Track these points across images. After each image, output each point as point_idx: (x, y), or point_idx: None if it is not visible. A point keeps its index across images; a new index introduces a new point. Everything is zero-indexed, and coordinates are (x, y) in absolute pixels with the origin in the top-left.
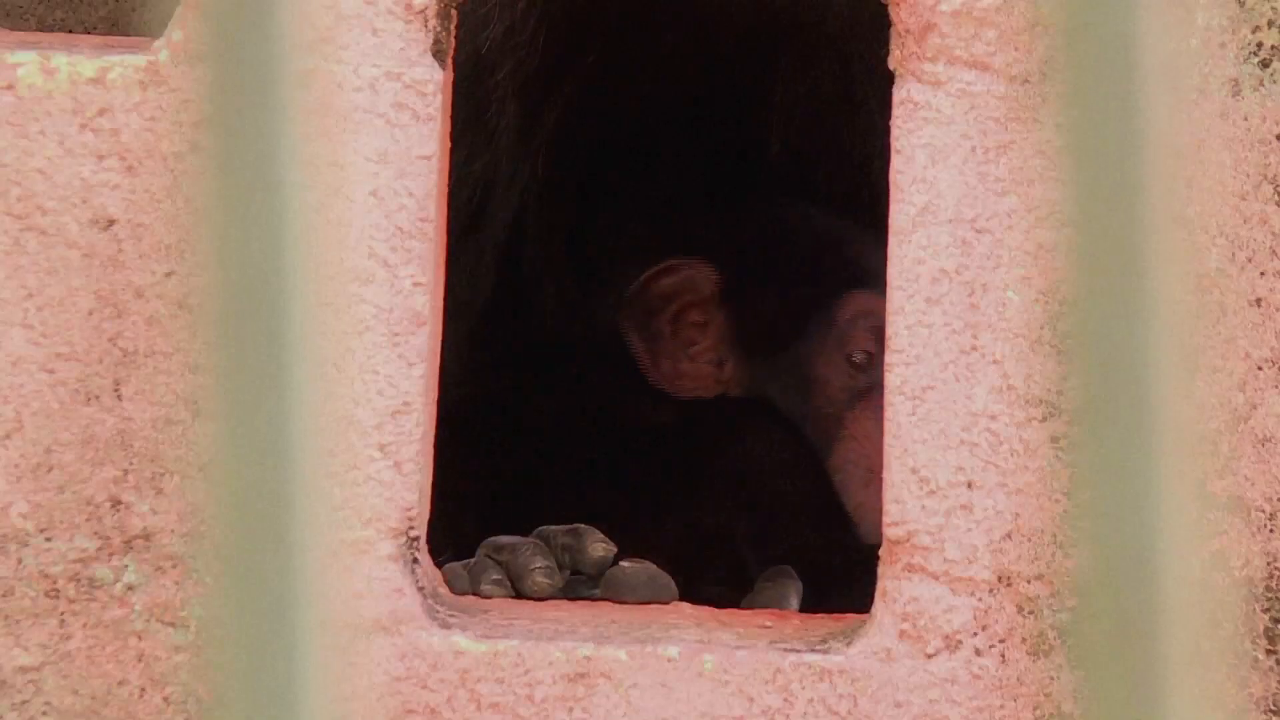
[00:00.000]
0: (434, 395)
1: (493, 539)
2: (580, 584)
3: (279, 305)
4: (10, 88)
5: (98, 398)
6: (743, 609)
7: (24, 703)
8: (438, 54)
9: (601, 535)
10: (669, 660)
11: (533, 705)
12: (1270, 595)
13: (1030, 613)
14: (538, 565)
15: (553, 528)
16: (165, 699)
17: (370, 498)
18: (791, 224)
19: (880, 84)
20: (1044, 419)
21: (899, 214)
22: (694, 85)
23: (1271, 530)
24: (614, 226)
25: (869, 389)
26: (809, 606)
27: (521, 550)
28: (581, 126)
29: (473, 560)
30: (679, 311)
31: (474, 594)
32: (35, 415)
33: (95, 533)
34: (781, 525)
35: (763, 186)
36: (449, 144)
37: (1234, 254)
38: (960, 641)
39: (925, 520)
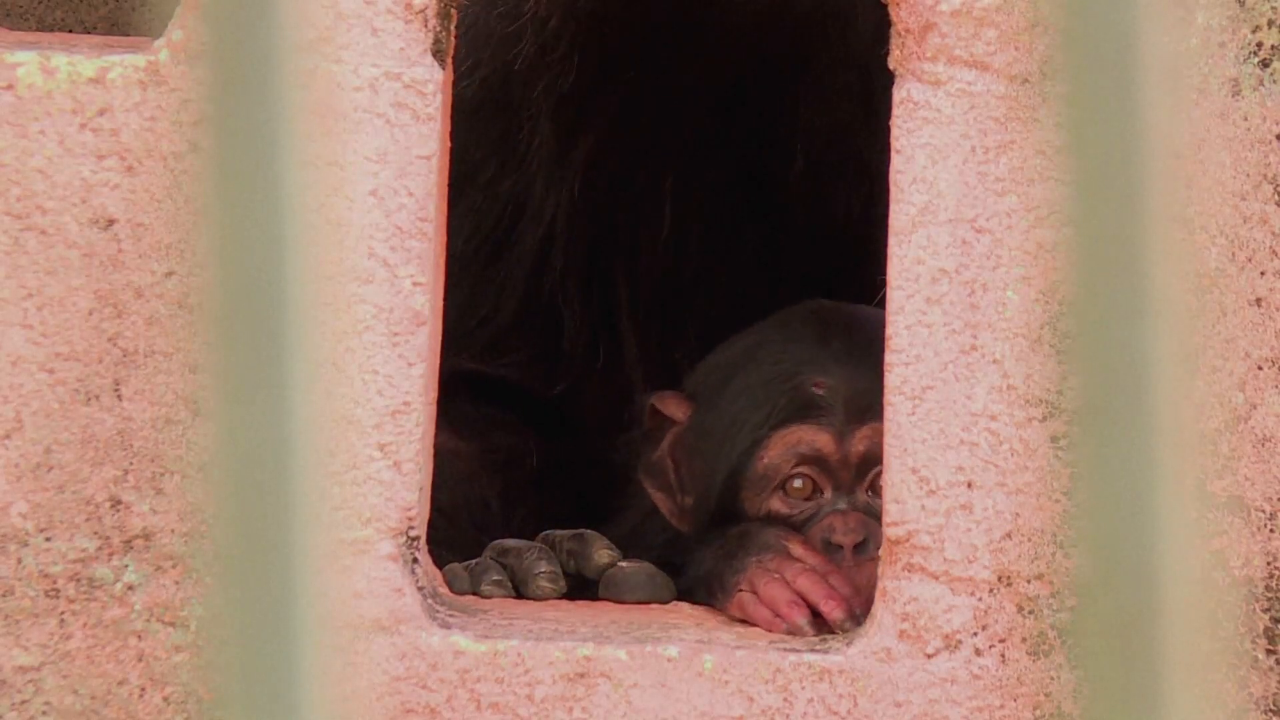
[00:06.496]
0: (434, 395)
1: (498, 541)
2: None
3: (279, 305)
4: (10, 88)
5: (98, 398)
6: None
7: (24, 702)
8: (437, 54)
9: (607, 541)
10: (669, 660)
11: (533, 705)
12: (1270, 595)
13: (1030, 613)
14: (542, 570)
15: (558, 532)
16: (165, 699)
17: (370, 498)
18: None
19: None
20: (1044, 419)
21: (899, 214)
22: (723, 108)
23: (1271, 530)
24: (636, 253)
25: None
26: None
27: (527, 554)
28: (615, 150)
29: (474, 561)
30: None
31: (474, 594)
32: (35, 415)
33: (95, 533)
34: None
35: (784, 203)
36: (449, 144)
37: (1234, 254)
38: (960, 641)
39: (925, 520)
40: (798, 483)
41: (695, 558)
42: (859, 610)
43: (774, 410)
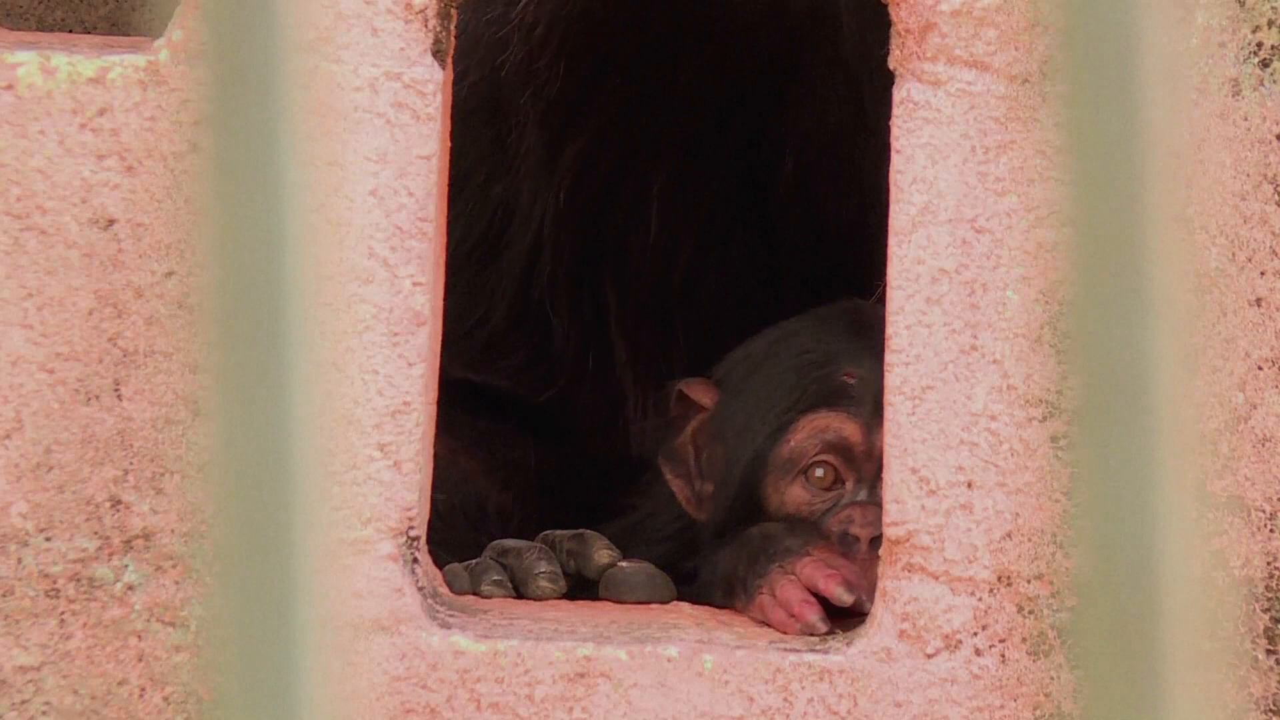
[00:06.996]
0: (434, 395)
1: (498, 541)
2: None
3: (279, 305)
4: (10, 88)
5: (98, 398)
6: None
7: (24, 702)
8: (438, 54)
9: (607, 541)
10: (669, 660)
11: (533, 705)
12: (1270, 595)
13: (1030, 613)
14: (542, 570)
15: (558, 532)
16: (165, 699)
17: (370, 498)
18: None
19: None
20: (1044, 419)
21: (899, 214)
22: (712, 113)
23: (1271, 530)
24: (625, 256)
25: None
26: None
27: (527, 554)
28: (603, 156)
29: (474, 561)
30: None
31: (474, 594)
32: (35, 415)
33: (95, 533)
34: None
35: (775, 208)
36: (449, 144)
37: (1234, 254)
38: (960, 641)
39: (925, 520)
40: (820, 471)
41: (715, 558)
42: (866, 597)
43: (803, 395)
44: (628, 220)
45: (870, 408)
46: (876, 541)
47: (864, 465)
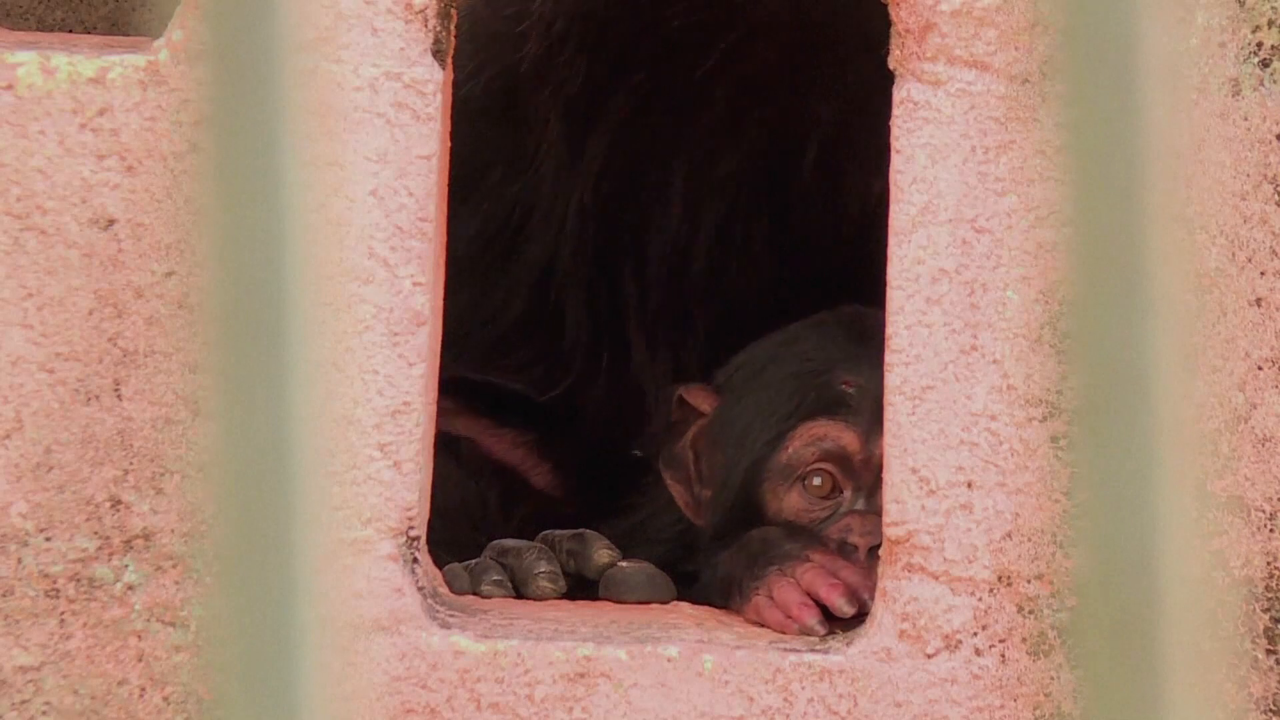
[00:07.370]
0: (434, 395)
1: (498, 541)
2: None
3: (279, 305)
4: (10, 88)
5: (98, 398)
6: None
7: (24, 702)
8: (438, 54)
9: (607, 541)
10: (669, 660)
11: (533, 705)
12: (1270, 595)
13: (1030, 613)
14: (542, 569)
15: (558, 532)
16: (165, 699)
17: (370, 497)
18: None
19: None
20: (1044, 419)
21: (899, 214)
22: (732, 103)
23: (1271, 530)
24: (643, 250)
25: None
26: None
27: (526, 554)
28: (626, 151)
29: (474, 561)
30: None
31: (474, 594)
32: (35, 415)
33: (95, 533)
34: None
35: (794, 201)
36: (449, 144)
37: (1234, 254)
38: (960, 641)
39: (925, 520)
40: (817, 480)
41: (714, 560)
42: (869, 600)
43: (802, 403)
44: (649, 214)
45: (868, 416)
46: (874, 551)
47: (862, 474)
